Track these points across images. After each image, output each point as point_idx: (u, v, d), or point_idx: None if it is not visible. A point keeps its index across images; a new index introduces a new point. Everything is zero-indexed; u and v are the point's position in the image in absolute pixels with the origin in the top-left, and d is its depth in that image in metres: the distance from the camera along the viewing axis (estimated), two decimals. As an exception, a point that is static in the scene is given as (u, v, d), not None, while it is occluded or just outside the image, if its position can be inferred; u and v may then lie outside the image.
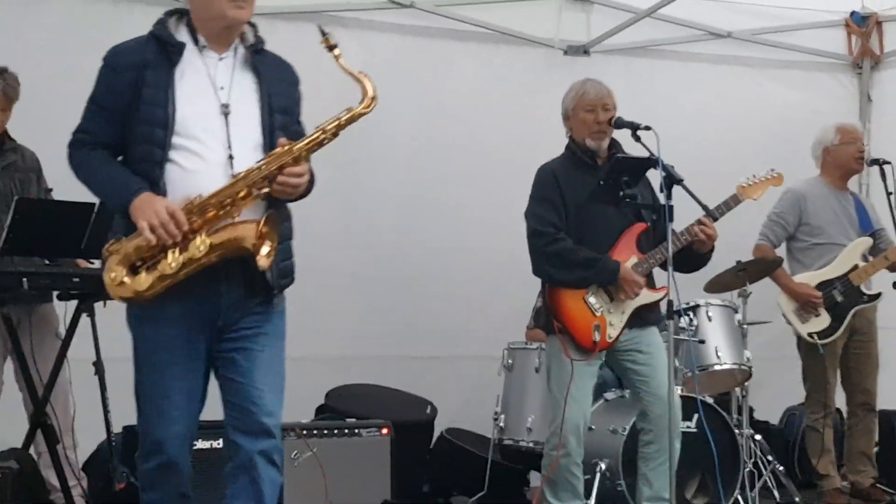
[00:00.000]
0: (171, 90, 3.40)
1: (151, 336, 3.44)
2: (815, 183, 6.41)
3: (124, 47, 3.51)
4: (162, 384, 3.44)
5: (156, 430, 3.46)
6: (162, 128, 3.38)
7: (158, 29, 3.48)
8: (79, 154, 3.50)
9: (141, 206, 3.30)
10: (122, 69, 3.44)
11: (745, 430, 5.94)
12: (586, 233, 5.13)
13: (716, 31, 7.69)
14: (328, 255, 6.78)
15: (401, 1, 7.00)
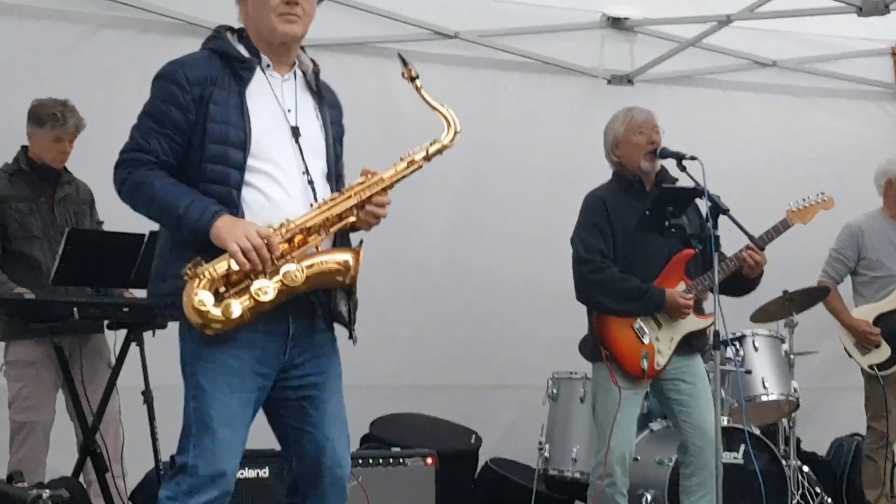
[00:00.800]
0: (244, 109, 3.30)
1: (221, 359, 3.22)
2: (873, 216, 6.41)
3: (188, 62, 3.34)
4: (227, 412, 3.22)
5: (218, 462, 3.20)
6: (239, 149, 3.27)
7: (220, 44, 3.37)
8: (137, 174, 3.24)
9: (228, 228, 3.16)
10: (188, 84, 3.26)
11: (792, 462, 5.90)
12: (635, 259, 5.12)
13: (761, 59, 7.66)
14: (375, 284, 6.77)
15: (445, 32, 7.02)
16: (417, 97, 7.20)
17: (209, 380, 3.22)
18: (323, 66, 6.56)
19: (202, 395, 3.21)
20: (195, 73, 3.27)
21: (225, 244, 3.14)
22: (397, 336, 6.87)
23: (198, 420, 3.21)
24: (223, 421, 3.23)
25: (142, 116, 3.30)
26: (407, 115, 7.01)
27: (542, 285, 6.76)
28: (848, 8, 6.34)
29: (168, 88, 3.27)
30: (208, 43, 3.40)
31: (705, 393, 5.08)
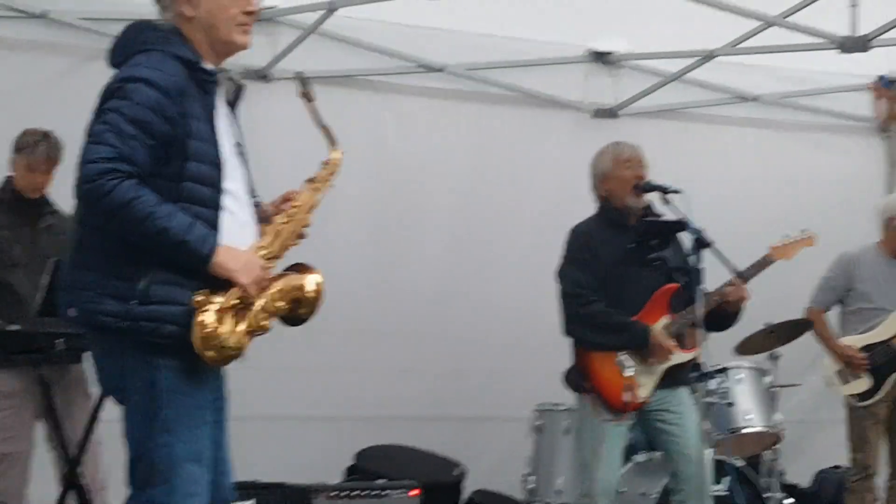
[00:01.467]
0: (214, 126, 3.15)
1: (197, 392, 3.13)
2: (869, 249, 6.43)
3: (169, 69, 3.06)
4: (196, 448, 3.11)
5: (189, 500, 3.08)
6: (216, 168, 3.12)
7: (184, 52, 3.12)
8: (127, 188, 2.94)
9: (234, 259, 3.07)
10: (174, 93, 3.04)
11: (775, 494, 5.87)
12: (619, 293, 5.12)
13: (744, 94, 7.69)
14: (363, 315, 6.79)
15: (432, 65, 7.04)
16: (405, 129, 7.31)
17: (184, 414, 3.10)
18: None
19: (175, 430, 3.07)
20: (178, 82, 3.07)
21: (235, 277, 3.06)
22: (385, 367, 6.86)
23: (167, 455, 3.06)
24: (193, 456, 3.12)
25: (120, 121, 2.98)
26: (394, 146, 7.04)
27: (530, 317, 6.72)
28: (830, 44, 6.37)
29: (156, 96, 3.01)
30: (164, 45, 3.12)
31: (693, 422, 5.09)
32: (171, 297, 3.03)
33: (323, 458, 6.35)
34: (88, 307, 3.07)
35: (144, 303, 3.01)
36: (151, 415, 3.07)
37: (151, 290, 3.02)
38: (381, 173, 6.99)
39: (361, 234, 6.91)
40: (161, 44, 3.13)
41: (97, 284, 3.05)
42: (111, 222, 3.00)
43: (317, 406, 6.61)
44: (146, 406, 3.08)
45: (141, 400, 3.09)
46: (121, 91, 3.03)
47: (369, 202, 6.91)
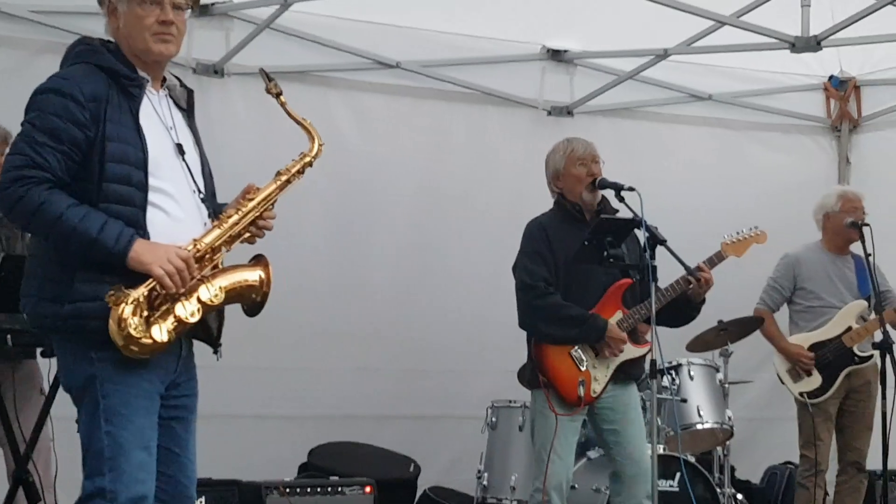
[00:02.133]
0: (139, 127, 3.21)
1: (136, 382, 3.15)
2: (812, 248, 6.47)
3: (79, 76, 3.17)
4: (142, 435, 3.14)
5: (138, 485, 3.11)
6: (140, 169, 3.17)
7: (105, 60, 3.22)
8: (36, 193, 3.03)
9: (149, 252, 3.10)
10: (85, 100, 3.12)
11: (726, 490, 5.92)
12: (574, 287, 5.15)
13: (697, 93, 7.73)
14: (319, 314, 6.77)
15: (387, 61, 7.02)
16: (362, 126, 7.30)
17: (124, 402, 3.14)
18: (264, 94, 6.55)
19: (117, 419, 3.12)
20: (89, 89, 3.14)
21: (149, 269, 3.10)
22: (341, 366, 6.85)
23: (112, 443, 3.11)
24: (140, 443, 3.16)
25: (31, 131, 3.10)
26: (350, 143, 7.01)
27: (487, 315, 6.74)
28: (782, 44, 6.41)
29: (64, 103, 3.10)
30: (89, 57, 3.23)
31: (637, 422, 5.11)
32: (94, 293, 3.09)
33: (278, 456, 6.33)
34: (34, 311, 3.20)
35: (72, 301, 3.10)
36: (94, 406, 3.14)
37: (78, 289, 3.10)
38: (337, 170, 6.92)
39: (317, 232, 6.88)
40: (87, 56, 3.25)
41: (38, 288, 3.18)
42: (28, 227, 3.16)
43: (272, 405, 6.59)
44: (89, 399, 3.14)
45: (85, 394, 3.16)
46: (34, 103, 3.16)
47: (325, 200, 6.88)
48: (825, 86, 8.03)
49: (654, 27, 6.63)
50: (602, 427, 5.18)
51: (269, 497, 5.51)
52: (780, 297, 6.43)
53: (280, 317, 6.17)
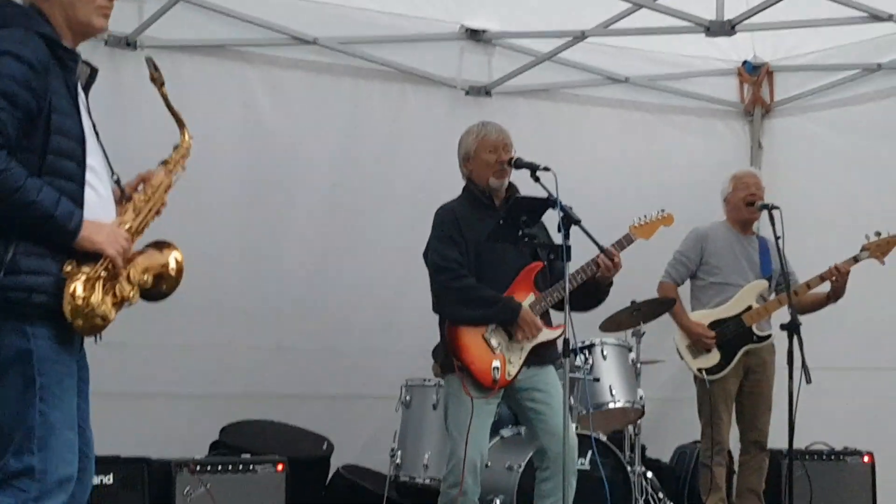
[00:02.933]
0: (77, 103, 3.19)
1: (67, 361, 3.16)
2: (719, 226, 6.57)
3: (30, 43, 3.07)
4: (70, 415, 3.14)
5: (66, 465, 3.12)
6: (79, 144, 3.17)
7: (44, 28, 3.15)
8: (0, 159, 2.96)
9: (101, 232, 3.13)
10: (39, 68, 3.05)
11: (637, 468, 5.98)
12: (485, 271, 5.17)
13: (614, 76, 7.79)
14: (233, 292, 6.73)
15: (304, 37, 6.97)
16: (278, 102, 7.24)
17: (57, 381, 3.12)
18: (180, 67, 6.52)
19: (51, 398, 3.09)
20: (41, 58, 3.08)
21: (102, 249, 3.12)
22: (255, 345, 6.81)
23: (45, 422, 3.07)
24: (68, 423, 3.15)
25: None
26: (266, 118, 6.97)
27: (402, 294, 6.76)
28: (696, 28, 6.49)
29: (23, 70, 3.02)
30: (26, 21, 3.14)
31: (560, 401, 5.13)
32: (40, 267, 3.06)
33: (189, 435, 6.29)
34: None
35: (12, 272, 3.03)
36: (28, 383, 3.08)
37: (21, 262, 3.04)
38: (253, 146, 6.92)
39: (232, 209, 6.82)
40: (22, 20, 3.15)
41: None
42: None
43: (183, 383, 6.53)
44: (19, 374, 3.07)
45: (15, 368, 3.08)
46: None
47: (240, 175, 6.83)
48: (739, 70, 8.14)
49: (573, 9, 6.68)
50: (527, 406, 5.22)
51: (179, 475, 5.47)
52: (685, 270, 6.51)
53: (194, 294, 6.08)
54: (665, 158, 7.78)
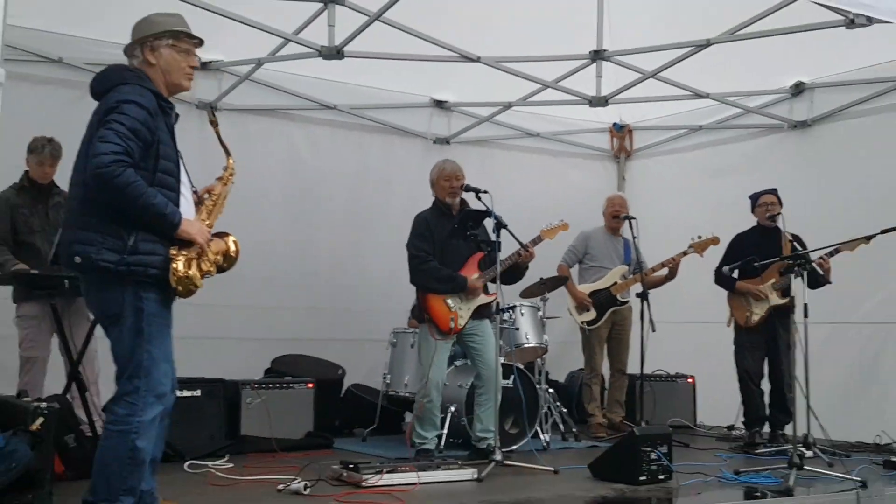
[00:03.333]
0: (173, 137, 3.16)
1: (166, 316, 3.11)
2: (598, 229, 6.58)
3: (147, 94, 3.06)
4: (167, 352, 3.11)
5: (161, 387, 3.07)
6: (176, 166, 3.13)
7: (151, 86, 3.13)
8: (130, 173, 2.93)
9: (194, 228, 3.09)
10: (153, 112, 3.04)
11: (542, 386, 6.00)
12: (446, 258, 5.19)
13: (530, 132, 7.80)
14: (279, 272, 6.70)
15: (327, 104, 6.94)
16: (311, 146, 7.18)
17: (158, 330, 3.08)
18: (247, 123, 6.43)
19: (153, 340, 3.06)
20: (153, 104, 3.06)
21: (194, 238, 3.09)
22: (296, 306, 6.73)
23: (150, 357, 3.05)
24: (166, 356, 3.13)
25: (121, 128, 2.95)
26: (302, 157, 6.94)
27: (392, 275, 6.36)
28: (583, 101, 6.55)
29: (143, 113, 3.00)
30: (142, 82, 3.12)
31: (491, 343, 5.18)
32: (153, 250, 3.04)
33: (251, 365, 6.23)
34: (97, 257, 3.01)
35: (133, 253, 3.01)
36: (138, 330, 3.04)
37: (141, 246, 3.02)
38: (293, 175, 6.90)
39: (280, 216, 6.77)
40: (137, 80, 3.13)
41: (99, 242, 3.01)
42: (117, 196, 2.93)
43: (248, 330, 6.46)
44: (133, 324, 3.04)
45: (132, 320, 3.04)
46: (119, 108, 2.99)
47: (285, 198, 6.81)
48: (610, 129, 8.18)
49: (503, 86, 6.67)
50: (470, 346, 5.24)
51: (244, 390, 5.46)
52: (574, 257, 6.52)
53: (255, 272, 6.13)
54: (563, 186, 7.76)
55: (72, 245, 3.05)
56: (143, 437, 3.02)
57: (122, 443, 3.00)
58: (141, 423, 3.01)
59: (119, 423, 3.02)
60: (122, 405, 3.04)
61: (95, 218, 3.01)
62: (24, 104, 5.51)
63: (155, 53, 3.17)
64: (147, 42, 3.18)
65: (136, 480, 3.05)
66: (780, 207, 5.79)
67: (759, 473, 4.57)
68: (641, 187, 7.91)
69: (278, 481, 4.12)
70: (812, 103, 6.79)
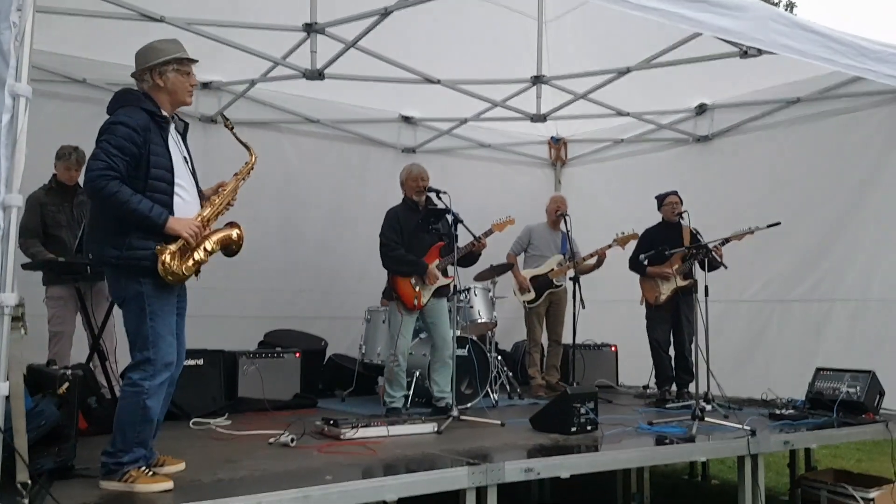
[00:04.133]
0: (168, 147, 3.12)
1: (166, 296, 3.08)
2: (540, 224, 6.56)
3: (133, 114, 3.04)
4: (170, 327, 3.10)
5: (168, 356, 3.08)
6: (169, 172, 3.09)
7: (148, 106, 3.11)
8: (113, 184, 2.94)
9: (179, 223, 3.04)
10: (139, 130, 3.01)
11: (493, 354, 6.03)
12: (412, 246, 5.18)
13: (483, 143, 7.79)
14: (274, 260, 6.64)
15: (312, 118, 6.87)
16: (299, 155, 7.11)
17: (160, 308, 3.06)
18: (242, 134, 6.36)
19: (157, 317, 3.05)
20: (140, 123, 3.04)
21: (179, 233, 3.04)
22: (286, 289, 6.68)
23: (154, 332, 3.04)
24: (169, 331, 3.12)
25: (107, 147, 2.96)
26: (291, 164, 6.85)
27: (366, 262, 6.45)
28: (525, 117, 6.56)
29: (128, 132, 2.99)
30: (137, 102, 3.10)
31: (445, 318, 5.18)
32: (145, 245, 3.02)
33: (247, 337, 6.17)
34: (100, 252, 3.07)
35: (130, 249, 3.01)
36: (141, 309, 3.04)
37: (133, 243, 3.01)
38: (283, 180, 6.81)
39: (272, 218, 6.68)
40: (135, 101, 3.12)
41: (102, 240, 3.05)
42: (105, 204, 2.97)
43: (245, 309, 6.40)
44: (137, 306, 3.04)
45: (135, 302, 3.04)
46: (109, 129, 3.01)
47: (277, 200, 6.73)
48: (549, 142, 8.21)
49: (459, 105, 6.68)
50: (428, 320, 5.23)
51: (241, 359, 5.42)
52: (520, 247, 6.52)
53: (252, 260, 6.06)
54: (509, 188, 7.73)
55: (88, 243, 3.14)
56: (153, 398, 3.04)
57: (135, 403, 3.03)
58: (151, 387, 3.03)
59: (133, 386, 3.03)
60: (135, 371, 3.05)
61: (102, 220, 3.06)
62: (53, 118, 5.42)
63: (163, 77, 3.17)
64: (156, 68, 3.17)
65: (147, 434, 3.08)
66: (682, 206, 5.89)
67: (669, 424, 4.65)
68: (574, 190, 7.95)
69: (269, 435, 4.09)
70: (713, 121, 6.90)
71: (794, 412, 5.00)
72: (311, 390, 5.82)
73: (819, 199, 6.07)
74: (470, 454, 3.66)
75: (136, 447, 3.03)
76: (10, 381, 2.55)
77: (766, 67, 5.31)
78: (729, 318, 6.26)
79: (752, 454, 4.22)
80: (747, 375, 6.04)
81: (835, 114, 6.03)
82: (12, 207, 2.56)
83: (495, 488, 3.36)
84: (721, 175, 6.76)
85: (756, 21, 4.00)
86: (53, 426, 3.11)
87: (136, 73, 3.20)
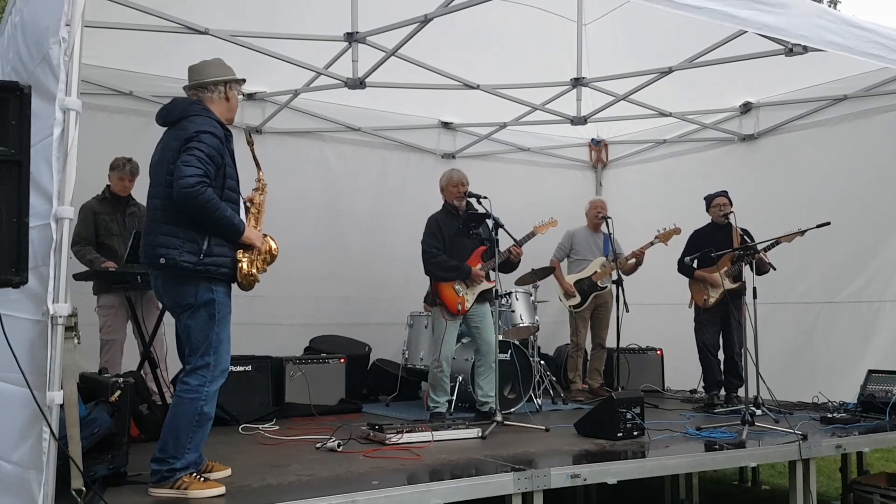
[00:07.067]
0: (234, 160, 3.19)
1: (230, 305, 3.14)
2: (582, 228, 6.51)
3: (216, 124, 3.12)
4: (229, 335, 3.13)
5: (225, 362, 3.11)
6: (237, 183, 3.18)
7: (217, 117, 3.18)
8: (210, 192, 2.99)
9: (253, 234, 3.14)
10: (222, 140, 3.10)
11: (535, 358, 5.98)
12: (454, 252, 5.16)
13: (522, 147, 7.72)
14: (319, 269, 6.67)
15: (353, 126, 6.88)
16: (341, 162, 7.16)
17: (224, 316, 3.10)
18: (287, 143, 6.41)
19: (220, 325, 3.09)
20: (221, 133, 3.11)
21: (254, 243, 3.13)
22: (333, 296, 6.69)
23: (216, 338, 3.07)
24: (228, 338, 3.15)
25: (201, 155, 3.00)
26: (334, 171, 6.87)
27: (408, 270, 6.44)
28: (566, 120, 6.48)
29: (216, 142, 3.06)
30: (210, 114, 3.17)
31: (489, 322, 5.15)
32: (223, 253, 3.08)
33: (293, 344, 6.22)
34: (179, 258, 3.04)
35: (208, 256, 3.05)
36: (211, 316, 3.07)
37: (214, 250, 3.06)
38: (327, 186, 6.85)
39: (316, 225, 6.70)
40: (204, 112, 3.17)
41: (180, 246, 3.04)
42: (200, 211, 2.98)
43: (292, 317, 6.44)
44: (209, 312, 3.07)
45: (206, 309, 3.07)
46: (198, 137, 3.04)
47: (320, 207, 6.77)
48: (589, 144, 8.11)
49: (499, 109, 6.62)
50: (472, 325, 5.20)
51: (287, 365, 5.45)
52: (563, 253, 6.47)
53: (300, 269, 6.13)
54: (549, 192, 7.65)
55: (155, 248, 3.08)
56: (209, 403, 3.08)
57: (192, 408, 3.04)
58: (209, 392, 3.07)
59: (191, 391, 3.06)
60: (194, 377, 3.07)
61: (176, 226, 3.05)
62: (102, 129, 5.55)
63: (231, 93, 3.27)
64: (231, 83, 3.26)
65: (200, 440, 3.09)
66: (731, 207, 5.73)
67: (717, 429, 4.53)
68: (616, 192, 7.83)
69: (316, 440, 4.10)
70: (758, 119, 6.72)
71: (846, 415, 4.82)
72: (355, 395, 5.84)
73: (867, 197, 5.87)
74: (515, 460, 3.61)
75: (188, 453, 3.04)
76: (65, 390, 2.58)
77: (811, 65, 5.15)
78: (775, 320, 6.07)
79: (804, 459, 4.11)
80: (793, 378, 5.86)
81: (882, 111, 5.85)
82: (64, 219, 2.59)
83: (541, 494, 3.30)
84: (767, 174, 6.58)
85: (801, 17, 3.87)
86: (106, 433, 3.14)
87: (204, 83, 3.24)
